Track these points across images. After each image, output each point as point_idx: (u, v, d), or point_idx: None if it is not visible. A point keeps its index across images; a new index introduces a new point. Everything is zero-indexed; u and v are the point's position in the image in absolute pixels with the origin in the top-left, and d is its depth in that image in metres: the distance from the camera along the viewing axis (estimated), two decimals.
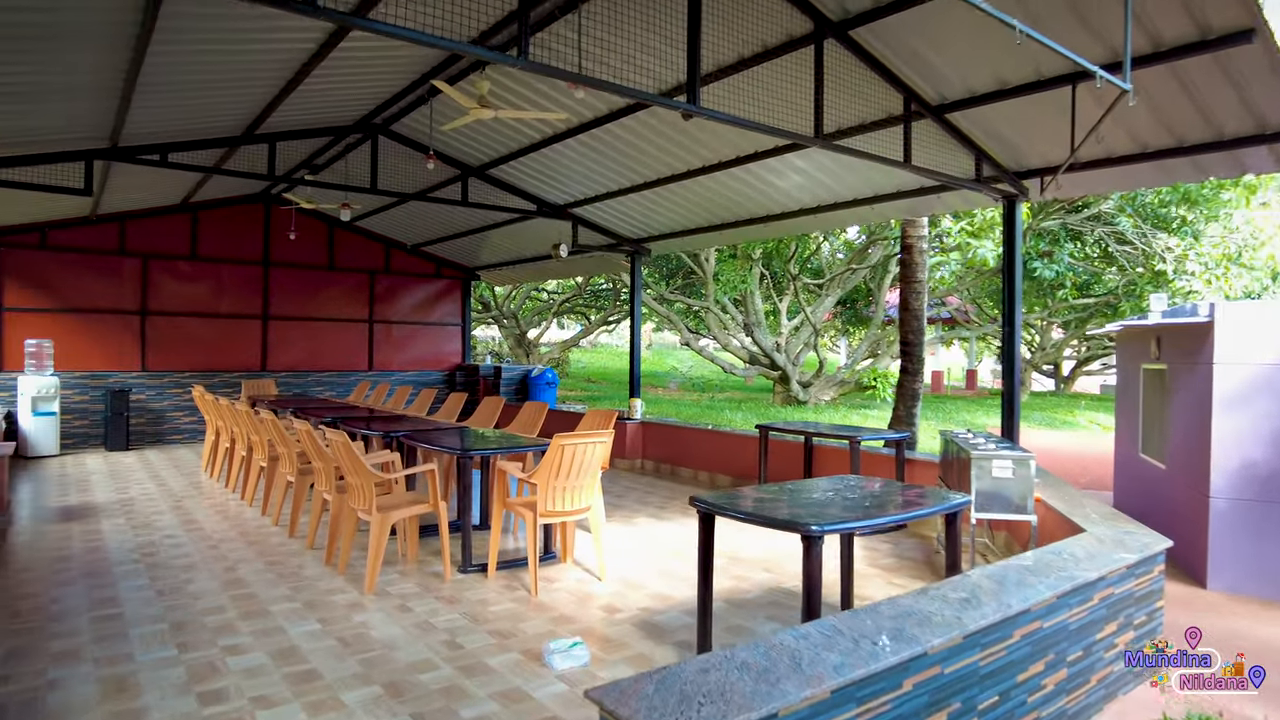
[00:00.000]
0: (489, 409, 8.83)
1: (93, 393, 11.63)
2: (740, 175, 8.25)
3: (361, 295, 14.38)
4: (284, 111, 7.80)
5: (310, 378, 13.79)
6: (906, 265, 9.72)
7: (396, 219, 13.19)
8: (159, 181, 10.29)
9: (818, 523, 3.42)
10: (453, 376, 15.31)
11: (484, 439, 6.28)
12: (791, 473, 8.40)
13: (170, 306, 12.36)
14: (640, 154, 8.31)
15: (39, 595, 5.03)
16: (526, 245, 12.92)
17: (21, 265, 11.20)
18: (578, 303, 26.54)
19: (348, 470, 5.30)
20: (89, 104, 6.29)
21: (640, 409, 10.70)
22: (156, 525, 6.89)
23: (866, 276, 19.11)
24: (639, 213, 10.10)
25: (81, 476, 9.31)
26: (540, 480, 5.13)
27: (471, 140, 9.05)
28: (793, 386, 18.01)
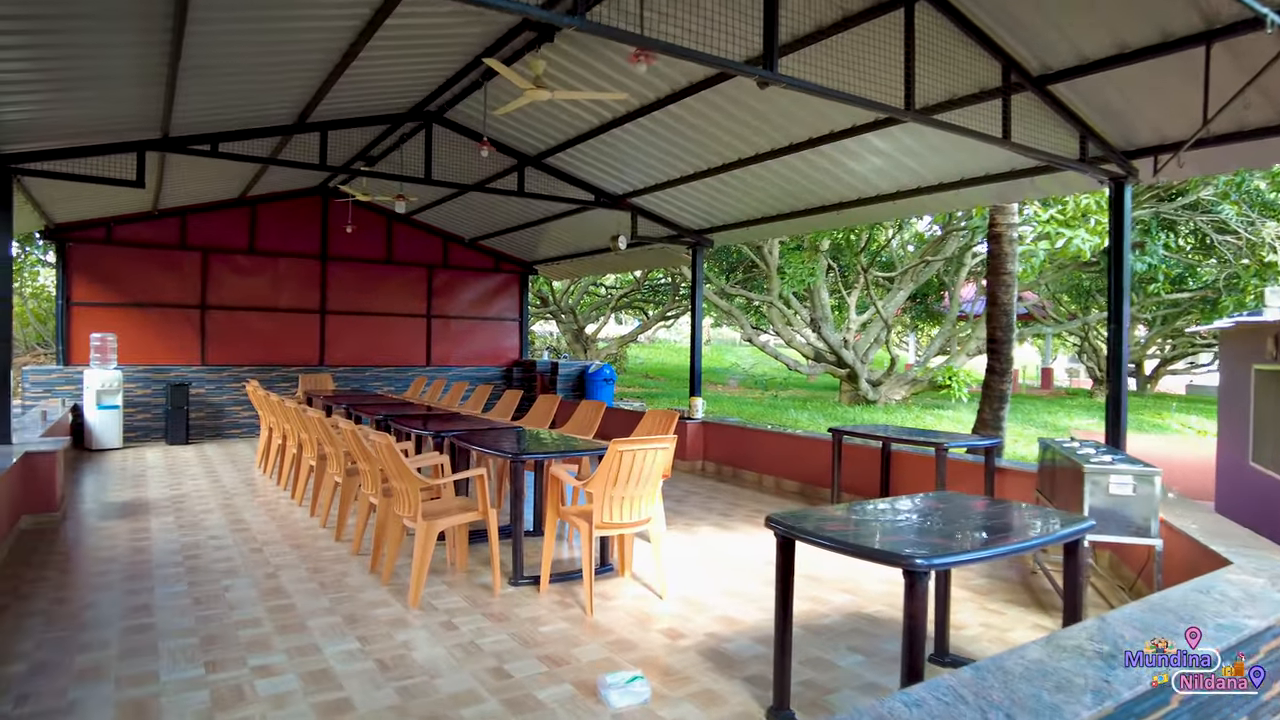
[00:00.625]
0: (544, 407, 8.46)
1: (154, 386, 11.69)
2: (812, 159, 7.67)
3: (419, 289, 14.21)
4: (335, 98, 7.54)
5: (368, 372, 13.68)
6: (995, 256, 8.97)
7: (454, 212, 12.95)
8: (216, 174, 10.22)
9: (923, 554, 2.89)
10: (510, 372, 15.06)
11: (538, 441, 5.88)
12: (867, 481, 7.80)
13: (229, 300, 12.36)
14: (703, 137, 7.80)
15: (75, 600, 4.82)
16: (584, 238, 12.53)
17: (88, 260, 11.30)
18: (635, 298, 26.13)
19: (392, 475, 4.96)
20: (134, 91, 6.09)
21: (701, 408, 10.21)
22: (203, 525, 6.70)
23: (940, 270, 18.20)
24: (701, 202, 9.60)
25: (139, 471, 9.28)
26: (596, 489, 4.69)
27: (527, 127, 8.68)
28: (861, 385, 17.23)
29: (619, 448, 4.60)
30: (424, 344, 14.27)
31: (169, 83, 5.87)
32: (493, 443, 5.64)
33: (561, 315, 23.61)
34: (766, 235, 10.88)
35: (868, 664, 4.10)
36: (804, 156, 7.67)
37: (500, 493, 7.50)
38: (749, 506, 7.94)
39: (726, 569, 5.72)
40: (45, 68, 5.41)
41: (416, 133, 9.13)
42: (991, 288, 9.02)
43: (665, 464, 4.89)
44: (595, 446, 5.55)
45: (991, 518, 3.60)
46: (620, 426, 11.37)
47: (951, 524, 3.43)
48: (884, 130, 6.84)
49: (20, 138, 6.63)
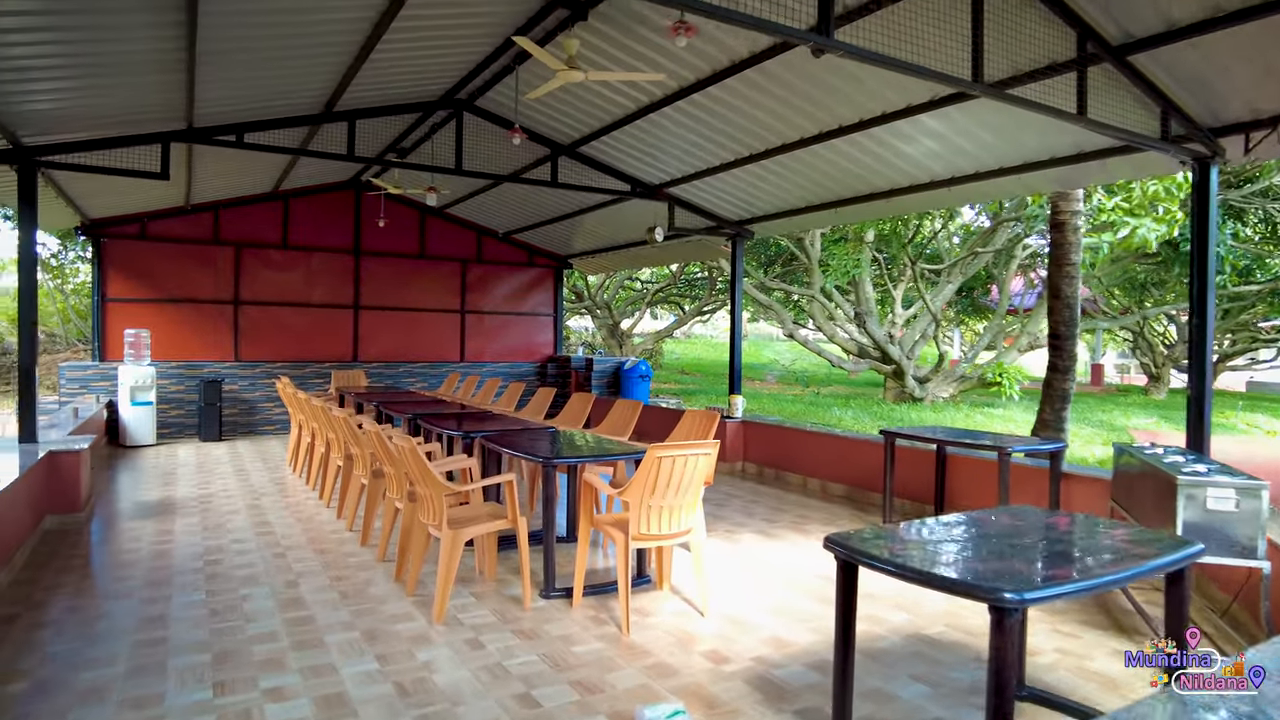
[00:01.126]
0: (578, 406, 8.14)
1: (188, 382, 11.63)
2: (861, 142, 7.21)
3: (453, 284, 14.00)
4: (361, 86, 7.29)
5: (401, 369, 13.51)
6: (1057, 246, 8.41)
7: (487, 205, 12.70)
8: (246, 167, 10.06)
9: (1013, 588, 2.48)
10: (544, 368, 14.79)
11: (572, 443, 5.55)
12: (920, 486, 7.34)
13: (262, 296, 12.26)
14: (745, 121, 7.39)
15: (89, 609, 4.61)
16: (620, 230, 12.19)
17: (122, 256, 11.26)
18: (671, 292, 25.73)
19: (417, 480, 4.66)
20: (155, 78, 5.88)
21: (741, 406, 9.81)
22: (228, 527, 6.50)
23: (989, 262, 17.52)
24: (741, 191, 9.18)
25: (170, 469, 9.17)
26: (633, 498, 4.34)
27: (560, 114, 8.34)
28: (908, 382, 16.63)
29: (657, 453, 4.24)
30: (458, 340, 14.06)
31: (188, 69, 5.65)
32: (524, 445, 5.32)
33: (597, 310, 23.30)
34: (810, 226, 10.43)
35: (933, 696, 3.69)
36: (852, 140, 7.22)
37: (532, 496, 7.20)
38: (794, 512, 7.53)
39: (773, 583, 5.33)
40: (67, 52, 5.21)
41: (447, 122, 8.86)
42: (1053, 280, 8.47)
43: (707, 471, 4.52)
44: (632, 450, 5.20)
45: (1082, 539, 3.17)
46: (657, 426, 11.04)
47: (1036, 546, 3.01)
48: (940, 110, 6.37)
49: (44, 130, 6.47)
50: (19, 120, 6.13)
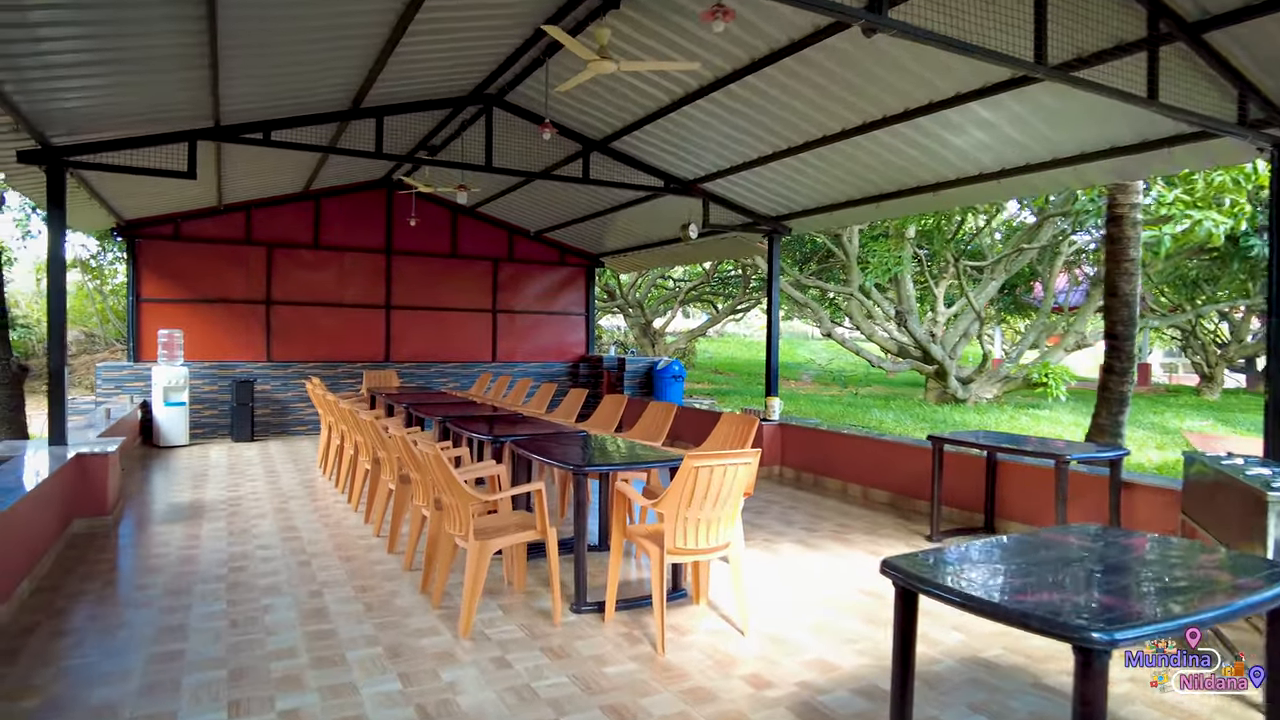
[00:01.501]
0: (610, 408, 7.92)
1: (220, 383, 11.63)
2: (906, 133, 6.88)
3: (485, 284, 13.87)
4: (389, 81, 7.13)
5: (433, 369, 13.41)
6: (1115, 241, 7.98)
7: (518, 203, 12.53)
8: (276, 166, 10.00)
9: (1101, 624, 2.19)
10: (576, 368, 14.60)
11: (604, 450, 5.32)
12: (969, 494, 7.00)
13: (294, 296, 12.23)
14: (784, 112, 7.09)
15: (109, 618, 4.49)
16: (653, 228, 11.94)
17: (156, 256, 11.29)
18: (704, 290, 25.41)
19: (443, 489, 4.46)
20: (180, 75, 5.77)
21: (778, 408, 9.50)
22: (254, 532, 6.38)
23: (1033, 259, 16.96)
24: (778, 185, 8.88)
25: (201, 470, 9.13)
26: (668, 509, 4.09)
27: (591, 108, 8.12)
28: (950, 382, 16.13)
29: (694, 463, 3.98)
30: (489, 339, 13.93)
31: (211, 64, 5.52)
32: (555, 452, 5.10)
33: (629, 309, 23.08)
34: (850, 221, 10.08)
35: None
36: (896, 131, 6.89)
37: (563, 502, 7.00)
38: (834, 520, 7.23)
39: (815, 598, 5.05)
40: (91, 47, 5.10)
41: (477, 118, 8.69)
42: (1110, 277, 8.03)
43: (747, 481, 4.25)
44: (667, 457, 4.95)
45: (1169, 565, 2.86)
46: (692, 429, 10.77)
47: (1119, 574, 2.71)
48: (991, 98, 6.03)
49: (72, 129, 6.41)
50: (47, 120, 6.07)
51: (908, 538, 6.64)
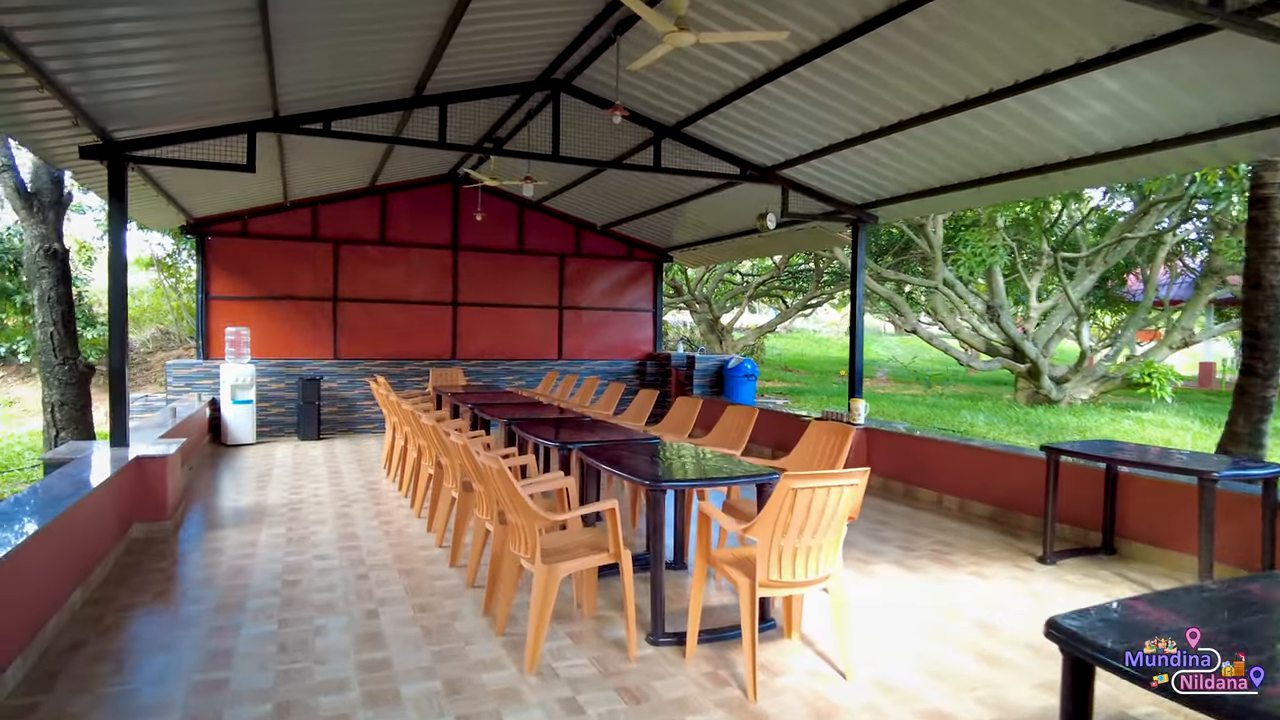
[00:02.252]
0: (684, 411, 7.41)
1: (287, 380, 11.56)
2: (1014, 109, 6.16)
3: (551, 279, 13.52)
4: (452, 65, 6.77)
5: (499, 366, 13.13)
6: (1258, 226, 7.05)
7: (585, 197, 12.13)
8: (339, 160, 9.80)
9: None
10: (643, 366, 14.14)
11: (680, 460, 4.81)
12: (1084, 510, 6.26)
13: (361, 293, 12.09)
14: (874, 87, 6.44)
15: (155, 639, 4.20)
16: (726, 219, 11.36)
17: (224, 254, 11.27)
18: (773, 285, 24.64)
19: (507, 505, 4.03)
20: (234, 61, 5.49)
21: (864, 411, 8.83)
22: (313, 540, 6.09)
23: (1133, 249, 15.75)
24: (865, 170, 8.21)
25: (265, 470, 8.98)
26: (761, 537, 3.56)
27: (664, 90, 7.61)
28: (1043, 382, 15.07)
29: (793, 484, 3.45)
30: (555, 336, 13.58)
31: (265, 48, 5.21)
32: (628, 462, 4.62)
33: (696, 305, 22.50)
34: (946, 208, 9.34)
35: None
36: (1003, 107, 6.17)
37: (634, 511, 6.55)
38: (932, 537, 6.57)
39: (922, 632, 4.45)
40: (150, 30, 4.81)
41: (543, 106, 8.29)
42: (1252, 266, 7.11)
43: (853, 504, 3.69)
44: (753, 472, 4.42)
45: None
46: (769, 433, 10.19)
47: None
48: (1117, 66, 5.28)
49: (132, 123, 6.22)
50: (106, 113, 5.88)
51: (1016, 559, 5.95)
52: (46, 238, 8.14)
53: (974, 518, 7.31)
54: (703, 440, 6.65)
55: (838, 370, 26.19)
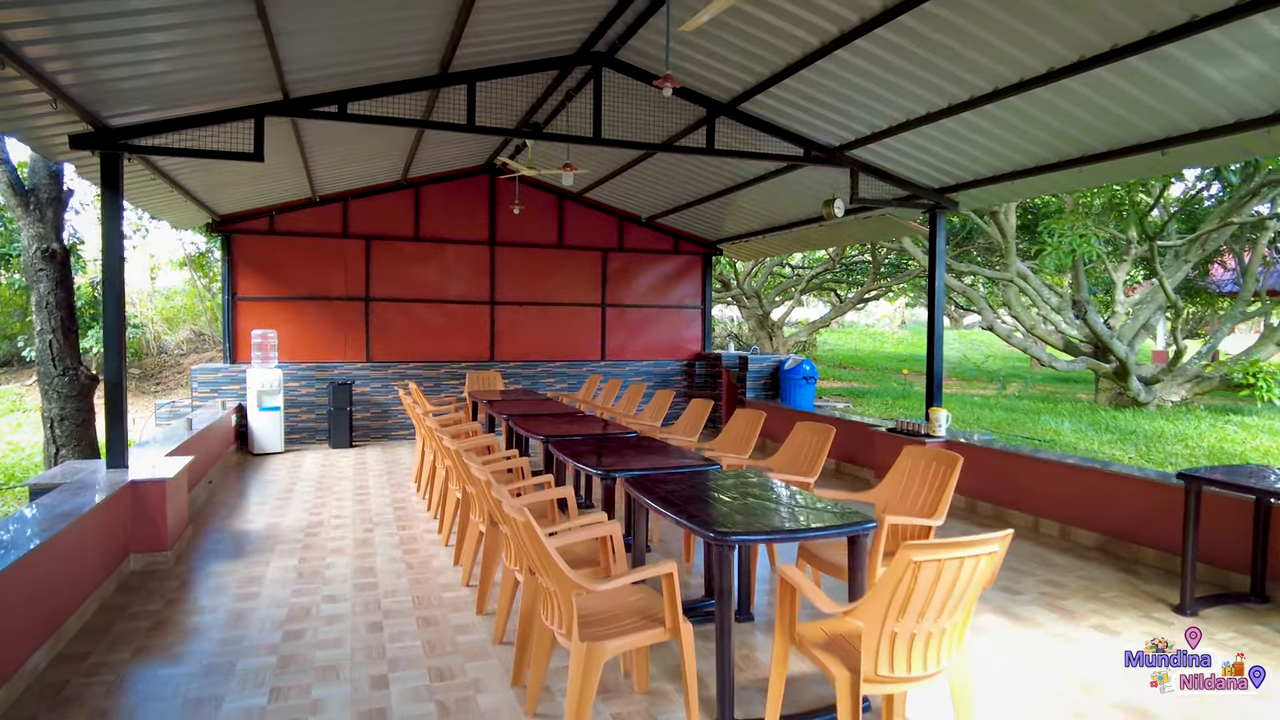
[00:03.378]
0: (744, 427, 6.54)
1: (318, 385, 10.98)
2: (1139, 68, 5.14)
3: (593, 276, 12.73)
4: (479, 37, 6.02)
5: (539, 368, 12.40)
6: None
7: (629, 187, 11.30)
8: (365, 151, 9.13)
9: None
10: (691, 367, 13.27)
11: (748, 499, 3.95)
12: (1227, 549, 5.25)
13: (394, 292, 11.45)
14: (963, 47, 5.47)
15: (123, 712, 3.51)
16: (782, 207, 10.43)
17: (251, 252, 10.73)
18: (826, 278, 23.48)
19: (537, 567, 3.24)
20: (227, 31, 4.76)
21: (946, 423, 7.86)
22: (325, 575, 5.39)
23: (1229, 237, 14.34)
24: (946, 150, 7.23)
25: (289, 484, 8.36)
26: (869, 620, 2.70)
27: (718, 61, 6.73)
28: (1131, 383, 13.77)
29: (914, 556, 2.58)
30: (598, 336, 12.79)
31: (260, 13, 4.47)
32: (686, 504, 3.79)
33: (745, 299, 21.50)
34: (1039, 191, 8.29)
35: None
36: (1123, 68, 5.17)
37: (688, 544, 5.73)
38: (1037, 575, 5.60)
39: (1049, 711, 3.52)
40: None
41: (584, 85, 7.48)
42: None
43: (990, 574, 2.80)
44: (845, 519, 3.54)
45: None
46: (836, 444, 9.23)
47: None
48: None
49: (127, 107, 5.57)
50: (95, 97, 5.23)
51: (1146, 606, 4.96)
52: (44, 237, 7.60)
53: (1080, 548, 6.31)
54: (768, 461, 5.78)
55: (895, 367, 24.98)
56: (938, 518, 4.15)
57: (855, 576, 3.56)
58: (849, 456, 9.36)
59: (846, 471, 9.43)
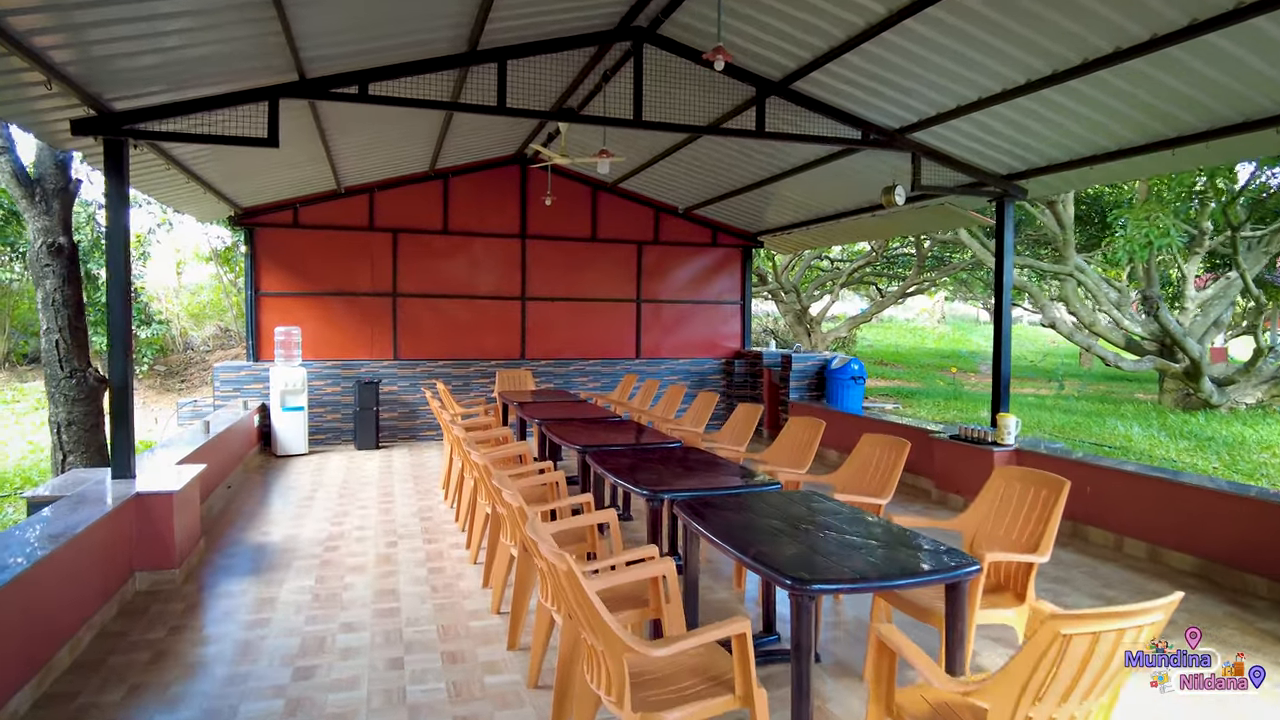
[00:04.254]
0: (801, 436, 5.97)
1: (344, 384, 10.59)
2: (1259, 31, 4.48)
3: (628, 270, 12.20)
4: (512, 14, 5.49)
5: (572, 366, 11.92)
6: None
7: (666, 175, 10.75)
8: (390, 137, 8.68)
9: None
10: (730, 365, 12.70)
11: (823, 531, 3.40)
12: None
13: (423, 287, 11.03)
14: (1048, 9, 4.84)
15: None
16: (830, 196, 9.81)
17: (275, 246, 10.36)
18: (867, 271, 22.70)
19: (582, 623, 2.72)
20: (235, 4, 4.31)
21: (1015, 430, 7.22)
22: (343, 599, 4.94)
23: None
24: (1016, 131, 6.59)
25: (310, 490, 7.96)
26: (998, 702, 2.15)
27: (771, 34, 6.16)
28: (1204, 384, 12.92)
29: (1064, 627, 2.02)
30: (632, 333, 12.27)
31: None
32: (751, 541, 3.26)
33: (783, 294, 20.81)
34: (1118, 177, 7.64)
35: None
36: (1243, 31, 4.51)
37: (741, 570, 5.21)
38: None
39: None
40: None
41: (623, 63, 6.95)
42: None
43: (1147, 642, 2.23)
44: (948, 566, 2.97)
45: None
46: (932, 467, 8.50)
47: None
48: None
49: (132, 90, 5.15)
50: (95, 79, 4.82)
51: (1274, 651, 4.32)
52: (51, 230, 7.23)
53: (1174, 573, 5.66)
54: (831, 478, 5.22)
55: (939, 364, 24.19)
56: (1042, 553, 3.57)
57: (954, 627, 3.01)
58: (906, 465, 8.69)
59: (903, 481, 8.78)
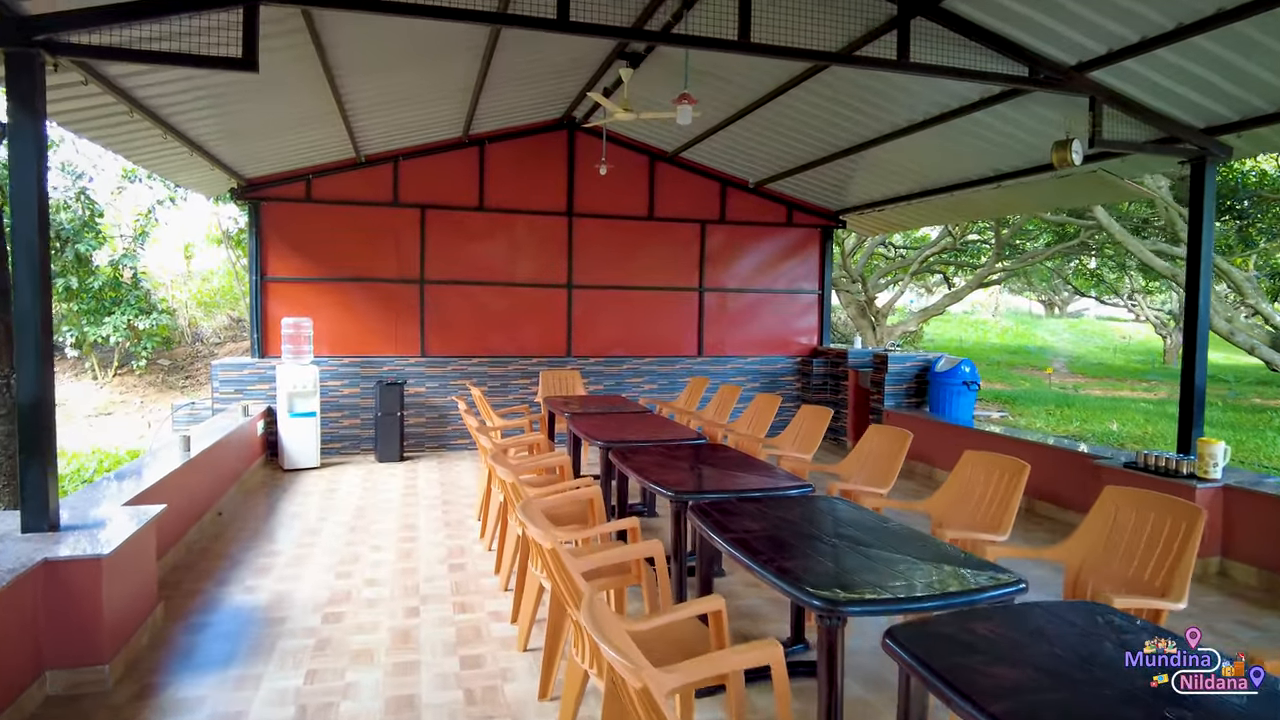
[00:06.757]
0: (881, 447, 4.29)
1: (363, 385, 9.13)
2: None
3: (690, 254, 10.57)
4: None
5: (625, 365, 10.34)
6: None
7: (738, 142, 9.11)
8: (411, 80, 7.10)
9: None
10: (808, 365, 11.03)
11: None
12: None
13: (455, 273, 9.52)
14: None
15: None
16: (947, 162, 8.07)
17: (284, 224, 8.90)
18: (935, 260, 20.76)
19: None
20: None
21: (1224, 459, 5.49)
22: (340, 711, 3.40)
23: None
24: (1225, 68, 4.86)
25: (317, 520, 6.48)
26: None
27: None
28: None
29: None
30: (695, 327, 10.65)
31: None
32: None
33: (849, 284, 18.99)
34: None
35: None
36: None
37: None
38: None
39: None
40: None
41: None
42: None
43: None
44: None
45: None
46: (1041, 489, 6.72)
47: None
48: None
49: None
50: None
51: None
52: None
53: None
54: (926, 505, 3.59)
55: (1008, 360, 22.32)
56: None
57: None
58: (1050, 494, 7.00)
59: (1043, 514, 7.08)
